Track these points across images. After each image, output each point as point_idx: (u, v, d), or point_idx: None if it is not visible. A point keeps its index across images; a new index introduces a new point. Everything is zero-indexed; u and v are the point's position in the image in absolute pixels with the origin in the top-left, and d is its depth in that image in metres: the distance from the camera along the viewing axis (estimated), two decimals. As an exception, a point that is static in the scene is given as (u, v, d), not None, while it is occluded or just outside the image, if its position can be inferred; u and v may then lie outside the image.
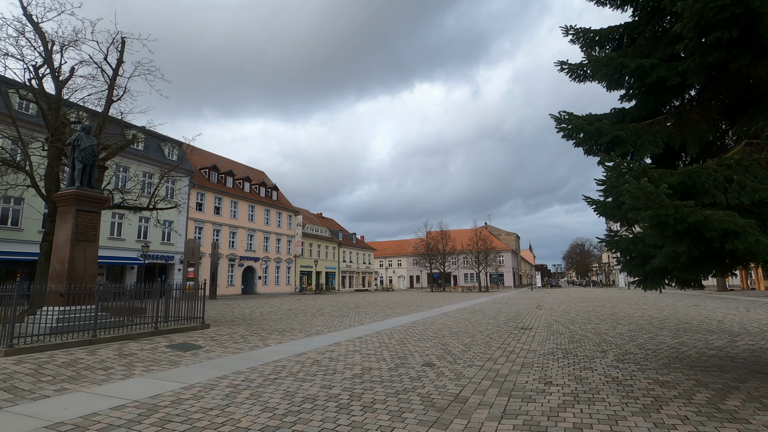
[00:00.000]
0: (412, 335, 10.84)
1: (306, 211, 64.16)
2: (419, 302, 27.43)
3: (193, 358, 7.68)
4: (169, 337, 9.89)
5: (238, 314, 17.61)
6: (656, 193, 3.86)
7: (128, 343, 8.85)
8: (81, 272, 10.11)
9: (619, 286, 72.11)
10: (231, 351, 8.47)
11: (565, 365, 6.95)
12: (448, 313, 17.81)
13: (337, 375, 6.41)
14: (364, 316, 16.46)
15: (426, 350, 8.58)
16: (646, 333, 10.63)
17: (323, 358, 7.80)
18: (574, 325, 12.83)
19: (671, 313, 16.28)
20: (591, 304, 23.38)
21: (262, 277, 45.61)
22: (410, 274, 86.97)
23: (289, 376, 6.32)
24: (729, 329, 11.12)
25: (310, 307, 22.71)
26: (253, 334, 10.79)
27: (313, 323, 13.87)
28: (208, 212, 38.89)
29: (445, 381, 6.01)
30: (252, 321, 14.55)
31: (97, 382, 5.93)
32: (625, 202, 4.18)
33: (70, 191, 10.22)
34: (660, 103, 5.89)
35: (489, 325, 12.96)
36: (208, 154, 46.60)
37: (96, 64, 16.36)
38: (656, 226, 4.00)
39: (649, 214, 3.90)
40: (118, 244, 30.26)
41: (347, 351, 8.51)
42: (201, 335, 10.33)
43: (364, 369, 6.82)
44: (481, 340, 9.95)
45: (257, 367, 7.01)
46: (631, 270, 6.44)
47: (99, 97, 17.03)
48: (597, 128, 5.40)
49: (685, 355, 7.59)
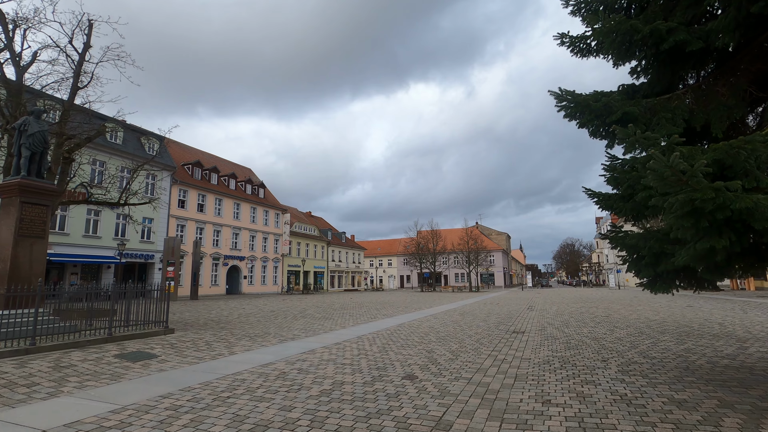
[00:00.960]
0: (396, 340, 9.97)
1: (294, 210, 62.97)
2: (408, 303, 26.58)
3: (141, 371, 6.71)
4: (123, 344, 8.87)
5: (215, 316, 16.57)
6: (691, 172, 3.03)
7: (72, 352, 7.83)
8: (26, 272, 9.06)
9: (609, 286, 72.11)
10: (189, 361, 7.51)
11: (564, 378, 6.13)
12: (436, 315, 16.98)
13: (303, 392, 5.50)
14: (348, 319, 15.55)
15: (409, 359, 7.71)
16: (647, 338, 9.89)
17: (291, 369, 6.88)
18: (568, 328, 12.07)
19: (668, 315, 15.64)
20: (583, 305, 22.74)
21: (248, 276, 44.40)
22: (401, 273, 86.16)
23: (245, 394, 5.40)
24: (733, 333, 10.43)
25: (294, 308, 21.73)
26: (221, 341, 9.82)
27: (292, 327, 12.92)
28: (191, 209, 37.61)
29: (426, 399, 5.14)
30: (226, 324, 13.55)
31: (10, 403, 4.95)
32: (649, 185, 3.33)
33: (14, 181, 9.16)
34: (676, 78, 5.09)
35: (479, 329, 12.14)
36: (192, 149, 45.24)
37: (60, 48, 15.23)
38: (689, 214, 3.17)
39: (680, 199, 3.08)
40: (94, 242, 28.94)
41: (321, 360, 7.61)
42: (161, 342, 9.33)
43: (336, 383, 5.92)
44: (470, 346, 9.12)
45: (212, 381, 6.07)
46: (640, 270, 5.63)
47: (66, 85, 15.88)
48: (605, 104, 4.58)
49: (695, 365, 6.82)
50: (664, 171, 3.09)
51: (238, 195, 43.94)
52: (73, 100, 15.35)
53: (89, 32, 15.39)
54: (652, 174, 3.20)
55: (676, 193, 3.11)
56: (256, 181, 50.00)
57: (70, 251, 27.07)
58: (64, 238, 26.93)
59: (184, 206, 37.04)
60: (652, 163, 3.16)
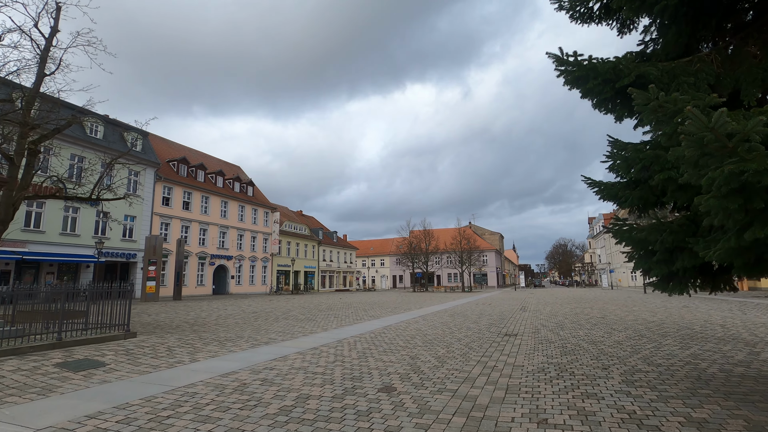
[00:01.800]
0: (379, 345, 9.18)
1: (285, 208, 61.94)
2: (398, 303, 25.80)
3: (80, 383, 5.85)
4: (72, 350, 7.98)
5: (192, 318, 15.67)
6: (741, 135, 2.28)
7: (8, 361, 6.94)
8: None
9: (602, 286, 71.99)
10: (141, 370, 6.66)
11: (562, 390, 5.38)
12: (425, 316, 16.22)
13: (258, 409, 4.69)
14: (332, 321, 14.74)
15: (389, 366, 6.93)
16: (648, 342, 9.19)
17: (255, 380, 6.07)
18: (563, 330, 11.36)
19: (666, 317, 15.02)
20: (577, 305, 22.12)
21: (236, 276, 43.35)
22: (393, 273, 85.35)
23: (189, 412, 4.58)
24: (738, 336, 9.78)
25: (278, 309, 20.86)
26: (186, 345, 8.96)
27: (270, 329, 12.08)
28: (175, 207, 36.50)
29: (402, 419, 4.36)
30: (200, 327, 12.68)
31: None
32: (671, 164, 2.57)
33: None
34: (694, 42, 4.36)
35: (469, 331, 11.39)
36: (178, 146, 44.11)
37: (24, 32, 14.24)
38: (735, 193, 2.42)
39: (725, 172, 2.33)
40: (72, 240, 27.80)
41: (290, 369, 6.80)
42: (116, 347, 8.45)
43: (300, 398, 5.12)
44: (458, 350, 8.36)
45: (157, 395, 5.24)
46: (651, 268, 4.89)
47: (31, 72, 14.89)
48: (614, 67, 3.83)
49: (707, 374, 6.10)
50: (705, 135, 2.34)
51: (225, 193, 42.87)
52: (39, 87, 14.35)
53: (57, 16, 14.42)
54: (688, 140, 2.44)
55: (720, 165, 2.36)
56: (244, 179, 48.94)
57: (46, 250, 25.94)
58: (40, 236, 25.79)
59: (169, 204, 35.94)
60: (687, 125, 2.39)
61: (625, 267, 63.71)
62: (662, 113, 2.82)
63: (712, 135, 2.35)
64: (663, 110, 2.84)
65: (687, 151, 2.51)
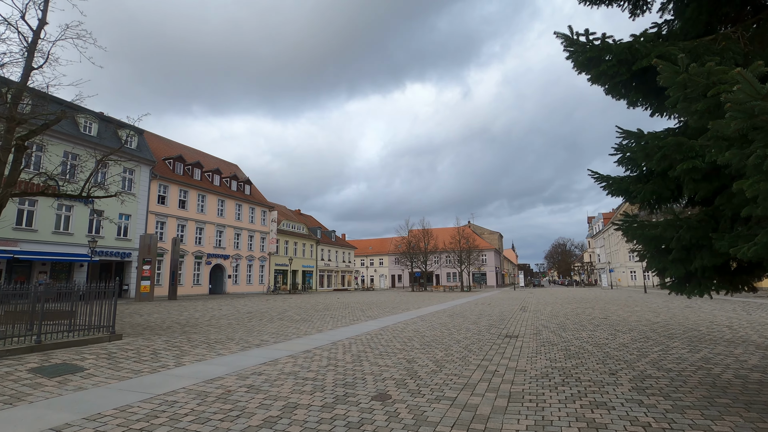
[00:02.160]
0: (375, 347, 8.82)
1: (282, 207, 61.55)
2: (396, 303, 25.44)
3: (53, 390, 5.47)
4: (51, 354, 7.59)
5: (184, 318, 15.29)
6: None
7: (-20, 365, 6.56)
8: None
9: (602, 286, 71.72)
10: (121, 375, 6.28)
11: (569, 398, 5.02)
12: (424, 317, 15.85)
13: (240, 421, 4.32)
14: (328, 321, 14.37)
15: (384, 371, 6.56)
16: (655, 344, 8.84)
17: (241, 386, 5.69)
18: (565, 332, 11.01)
19: (669, 317, 14.67)
20: (578, 305, 21.78)
21: (233, 276, 42.92)
22: (392, 273, 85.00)
23: (165, 424, 4.21)
24: (748, 339, 9.44)
25: (274, 309, 20.47)
26: (173, 348, 8.58)
27: (263, 330, 11.71)
28: (171, 206, 36.06)
29: (396, 431, 3.99)
30: (191, 328, 12.29)
31: None
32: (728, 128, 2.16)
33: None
34: (716, 18, 3.99)
35: (469, 332, 11.03)
36: (175, 144, 43.65)
37: (11, 25, 13.83)
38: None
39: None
40: (65, 238, 27.35)
41: (280, 374, 6.42)
42: (98, 350, 8.07)
43: (287, 408, 4.74)
44: (457, 353, 8.00)
45: (134, 404, 4.86)
46: (666, 267, 4.54)
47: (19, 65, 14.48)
48: (630, 47, 3.46)
49: (722, 380, 5.74)
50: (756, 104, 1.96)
51: (222, 191, 42.42)
52: (26, 81, 13.96)
53: (45, 7, 14.01)
54: (734, 110, 2.06)
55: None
56: (242, 178, 48.50)
57: (38, 248, 25.51)
58: (32, 235, 25.36)
59: (165, 202, 35.50)
60: (736, 92, 2.02)
61: (625, 266, 63.40)
62: (692, 88, 2.46)
63: (764, 104, 1.97)
64: (693, 84, 2.47)
65: (733, 123, 2.13)
